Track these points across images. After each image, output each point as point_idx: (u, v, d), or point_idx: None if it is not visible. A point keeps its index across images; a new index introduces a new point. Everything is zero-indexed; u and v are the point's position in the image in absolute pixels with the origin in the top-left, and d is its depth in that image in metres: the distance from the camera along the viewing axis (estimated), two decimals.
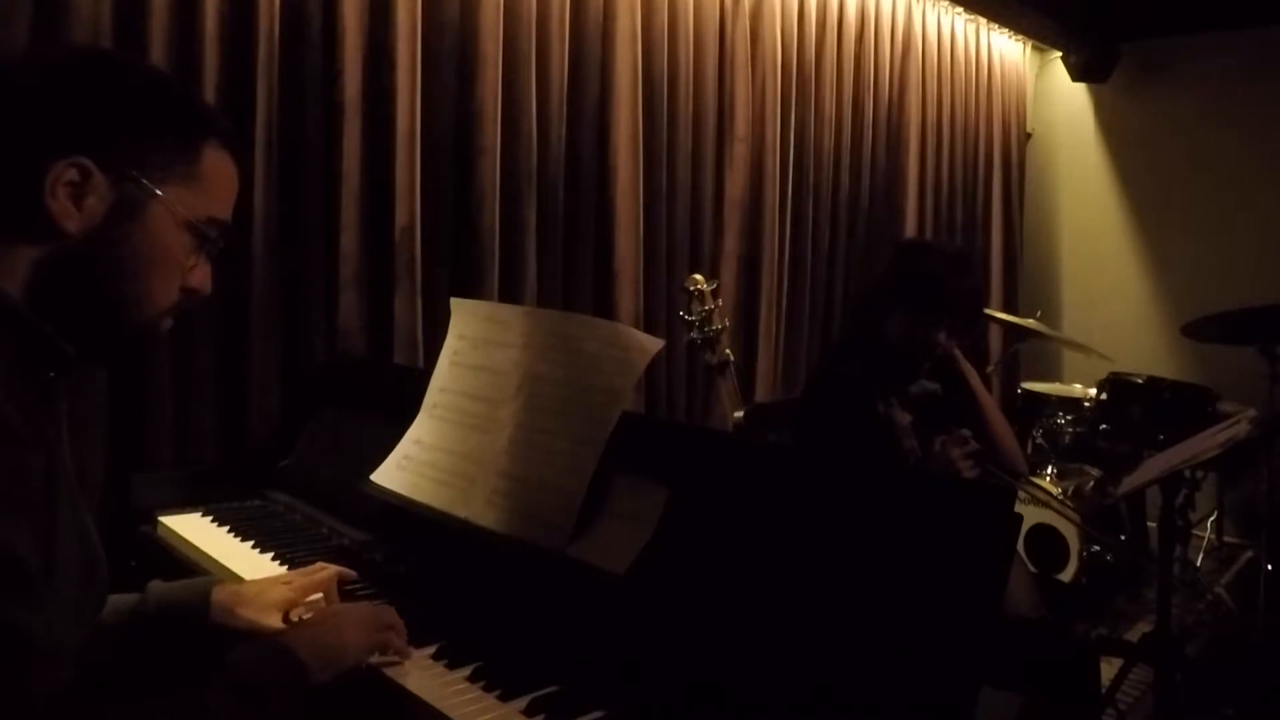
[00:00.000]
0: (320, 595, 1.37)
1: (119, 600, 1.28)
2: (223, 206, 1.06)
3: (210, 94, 2.06)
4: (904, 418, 2.17)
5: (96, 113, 0.96)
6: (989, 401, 2.36)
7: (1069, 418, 3.93)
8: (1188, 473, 3.23)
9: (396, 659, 1.20)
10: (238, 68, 2.12)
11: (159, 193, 0.98)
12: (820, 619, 1.13)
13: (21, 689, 0.80)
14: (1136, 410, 3.71)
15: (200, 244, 1.03)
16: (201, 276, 1.06)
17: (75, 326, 0.98)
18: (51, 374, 0.99)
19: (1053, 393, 4.09)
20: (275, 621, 1.32)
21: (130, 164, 0.97)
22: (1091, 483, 3.74)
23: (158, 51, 1.98)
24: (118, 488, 1.88)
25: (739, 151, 3.38)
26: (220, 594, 1.31)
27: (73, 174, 0.93)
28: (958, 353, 2.29)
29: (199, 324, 2.07)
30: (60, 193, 0.93)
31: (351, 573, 1.45)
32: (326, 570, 1.42)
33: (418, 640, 1.27)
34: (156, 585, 1.33)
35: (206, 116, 1.06)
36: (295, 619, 1.33)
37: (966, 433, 2.06)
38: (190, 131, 1.02)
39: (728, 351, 2.51)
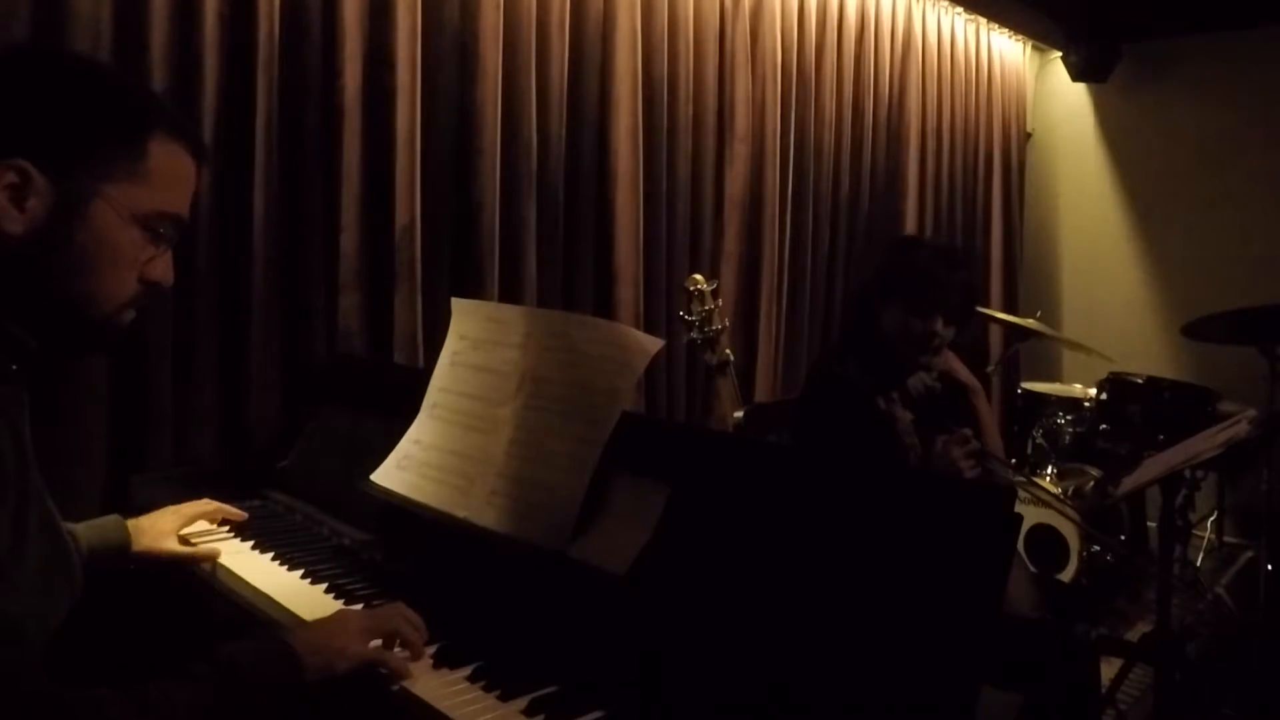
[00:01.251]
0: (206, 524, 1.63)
1: None
2: (174, 201, 1.05)
3: (210, 94, 2.06)
4: (905, 416, 2.18)
5: (32, 113, 0.96)
6: (990, 424, 2.35)
7: (1069, 418, 3.93)
8: (1188, 473, 3.24)
9: (406, 654, 1.19)
10: (238, 68, 2.12)
11: (102, 190, 0.97)
12: (820, 619, 1.13)
13: None
14: (1136, 410, 3.71)
15: (152, 239, 1.02)
16: (162, 269, 1.05)
17: (32, 323, 0.98)
18: (14, 366, 0.99)
19: (1053, 393, 4.10)
20: (173, 544, 1.53)
21: (70, 163, 0.96)
22: (1091, 483, 3.74)
23: (158, 52, 1.98)
24: (118, 488, 1.88)
25: (739, 151, 3.38)
26: (129, 527, 1.50)
27: (11, 176, 0.93)
28: (957, 364, 2.28)
29: (199, 324, 2.07)
30: (0, 196, 0.93)
31: (240, 512, 1.69)
32: (209, 502, 1.66)
33: None
34: (79, 526, 1.42)
35: (150, 109, 1.04)
36: (192, 544, 1.56)
37: (967, 431, 2.06)
38: (133, 126, 1.01)
39: (728, 351, 2.51)
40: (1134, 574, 3.65)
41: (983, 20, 4.56)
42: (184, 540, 1.57)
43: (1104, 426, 3.79)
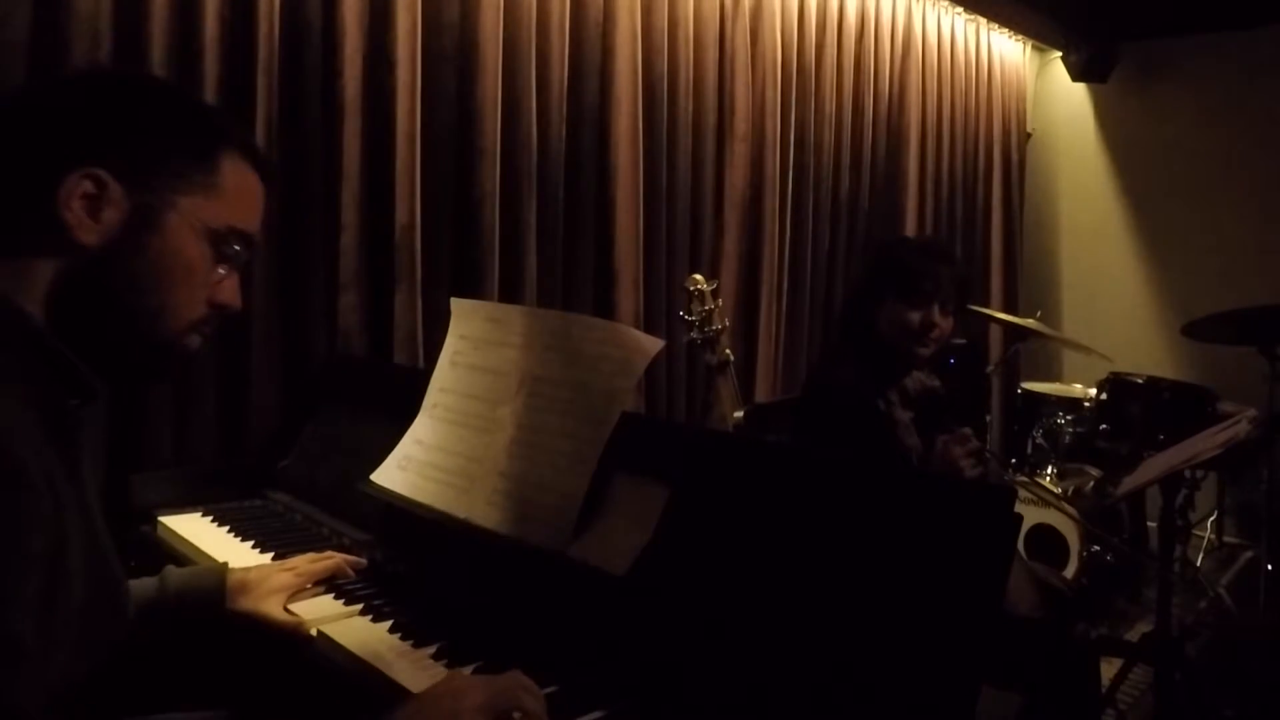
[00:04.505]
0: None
1: (136, 586, 1.30)
2: (245, 218, 1.04)
3: (211, 94, 2.06)
4: (904, 415, 2.18)
5: (110, 124, 0.96)
6: None
7: (1069, 418, 3.93)
8: (1188, 473, 3.23)
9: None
10: (238, 68, 2.12)
11: (176, 202, 0.97)
12: (820, 618, 1.13)
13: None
14: (1136, 410, 3.71)
15: (222, 256, 1.02)
16: (230, 291, 1.04)
17: (97, 344, 0.96)
18: (74, 401, 0.97)
19: (1053, 393, 4.10)
20: (275, 609, 1.35)
21: (146, 174, 0.95)
22: (1091, 483, 3.74)
23: (158, 52, 1.98)
24: (118, 488, 1.88)
25: (739, 151, 3.38)
26: (231, 580, 1.36)
27: (88, 185, 0.92)
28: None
29: None
30: (76, 205, 0.92)
31: (361, 560, 1.49)
32: (333, 558, 1.47)
33: (418, 640, 1.28)
34: (173, 571, 1.35)
35: (223, 127, 1.05)
36: (294, 606, 1.37)
37: (968, 431, 2.06)
38: (206, 141, 1.01)
39: (728, 351, 2.51)
40: (1134, 574, 3.65)
41: (983, 20, 4.56)
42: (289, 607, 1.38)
43: (1104, 426, 3.78)
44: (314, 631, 1.33)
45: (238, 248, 1.03)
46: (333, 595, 1.43)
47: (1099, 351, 3.88)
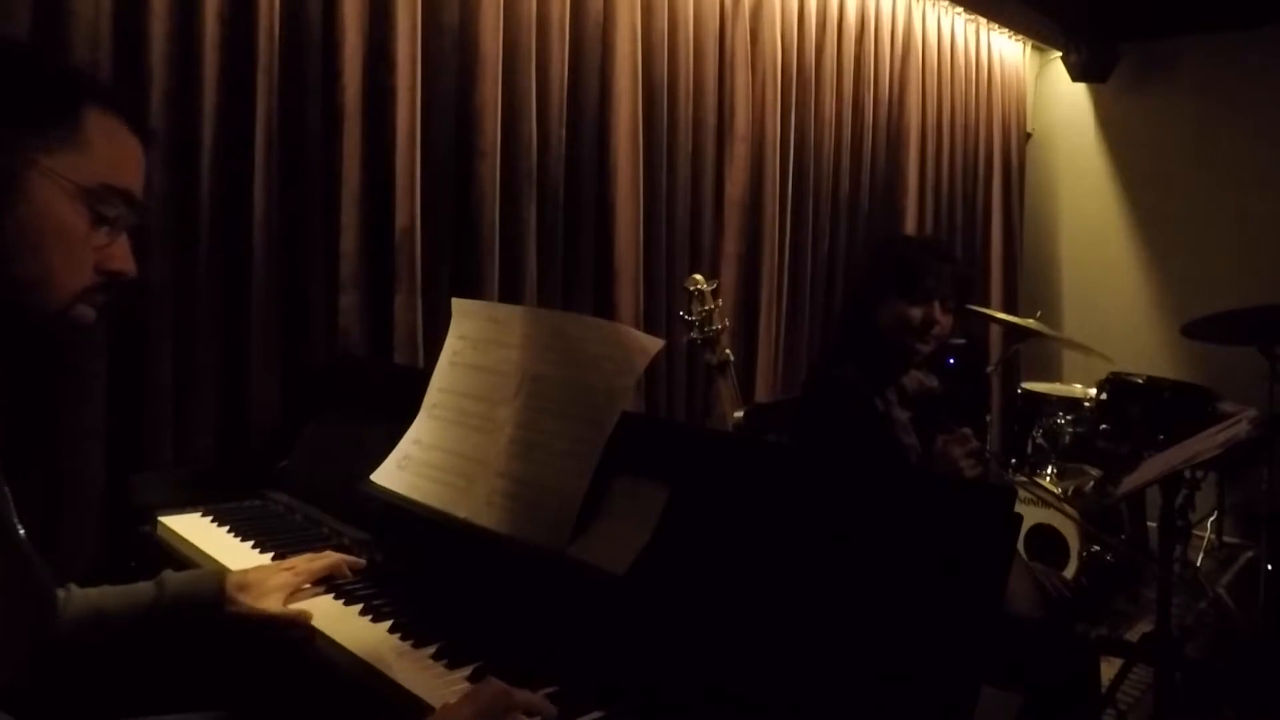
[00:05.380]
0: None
1: (133, 590, 1.29)
2: (120, 174, 0.98)
3: (210, 94, 2.06)
4: (903, 415, 2.18)
5: None
6: None
7: (1069, 418, 3.93)
8: (1188, 473, 3.23)
9: None
10: (238, 69, 2.12)
11: (38, 161, 0.92)
12: (820, 619, 1.13)
13: None
14: (1136, 410, 3.71)
15: (101, 217, 0.96)
16: (122, 258, 0.99)
17: None
18: None
19: (1053, 393, 4.10)
20: (275, 606, 1.34)
21: (1, 135, 0.91)
22: (1091, 483, 3.74)
23: (158, 52, 1.98)
24: (118, 488, 1.88)
25: (739, 151, 3.38)
26: (230, 582, 1.34)
27: None
28: None
29: (199, 324, 2.07)
30: None
31: (361, 560, 1.50)
32: (331, 557, 1.47)
33: (418, 640, 1.28)
34: (171, 575, 1.34)
35: (83, 81, 1.00)
36: (294, 606, 1.36)
37: (967, 431, 2.06)
38: (65, 97, 0.96)
39: (728, 351, 2.51)
40: (1134, 574, 3.65)
41: (983, 20, 4.56)
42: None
43: (1104, 426, 3.78)
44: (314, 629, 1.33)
45: (118, 208, 0.98)
46: (332, 595, 1.43)
47: (1099, 351, 3.88)
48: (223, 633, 1.32)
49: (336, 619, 1.36)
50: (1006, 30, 4.73)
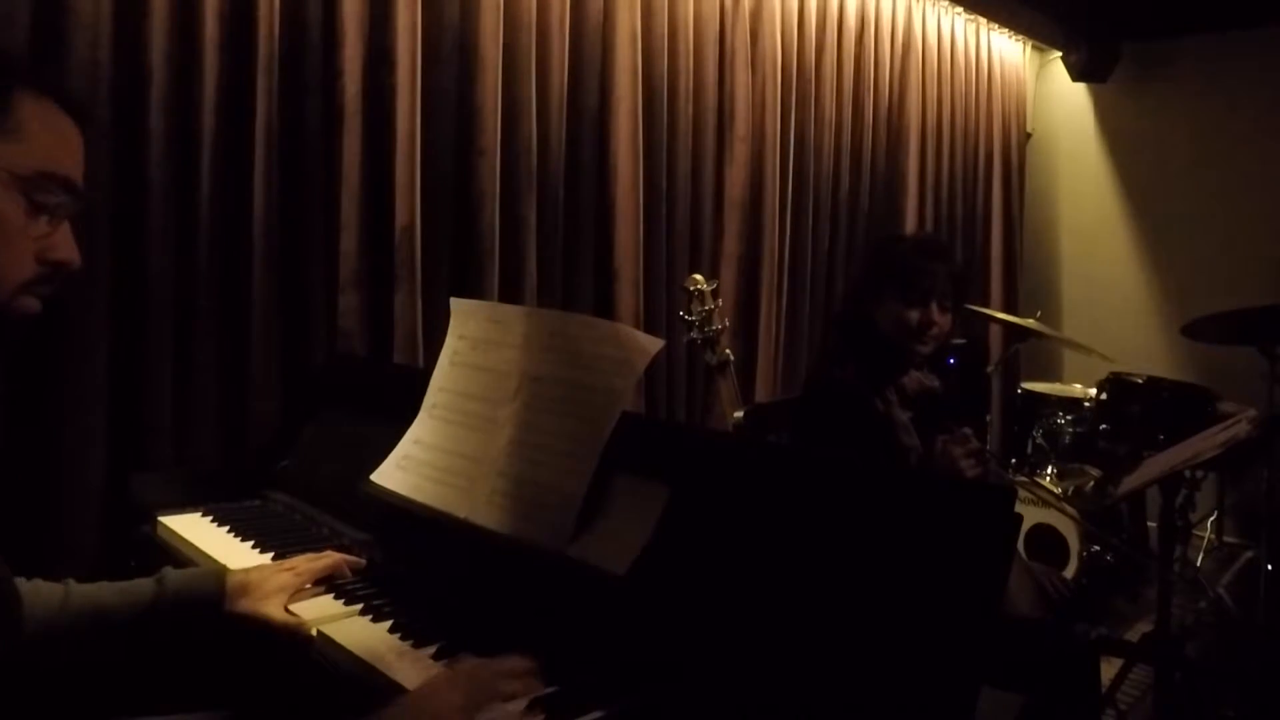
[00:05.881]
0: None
1: (133, 586, 1.29)
2: (57, 161, 0.95)
3: (210, 94, 2.06)
4: (903, 415, 2.18)
5: None
6: None
7: (1069, 418, 3.93)
8: (1188, 473, 3.23)
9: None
10: (238, 68, 2.12)
11: None
12: (820, 619, 1.13)
13: None
14: (1136, 410, 3.71)
15: (39, 205, 0.93)
16: (64, 247, 0.96)
17: None
18: None
19: (1053, 393, 4.10)
20: (276, 610, 1.33)
21: None
22: (1091, 483, 3.74)
23: (158, 52, 1.98)
24: (118, 488, 1.88)
25: (739, 151, 3.38)
26: (230, 582, 1.34)
27: None
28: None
29: (199, 324, 2.07)
30: None
31: (361, 560, 1.49)
32: (331, 557, 1.46)
33: (418, 640, 1.27)
34: (171, 572, 1.33)
35: (13, 68, 0.97)
36: (294, 606, 1.35)
37: (967, 431, 2.06)
38: None
39: (728, 351, 2.51)
40: (1134, 574, 3.65)
41: (983, 20, 4.56)
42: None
43: (1104, 426, 3.78)
44: (314, 632, 1.32)
45: (58, 196, 0.95)
46: (333, 595, 1.43)
47: (1099, 351, 3.88)
48: (223, 632, 1.32)
49: (337, 619, 1.35)
50: (1006, 30, 4.73)
